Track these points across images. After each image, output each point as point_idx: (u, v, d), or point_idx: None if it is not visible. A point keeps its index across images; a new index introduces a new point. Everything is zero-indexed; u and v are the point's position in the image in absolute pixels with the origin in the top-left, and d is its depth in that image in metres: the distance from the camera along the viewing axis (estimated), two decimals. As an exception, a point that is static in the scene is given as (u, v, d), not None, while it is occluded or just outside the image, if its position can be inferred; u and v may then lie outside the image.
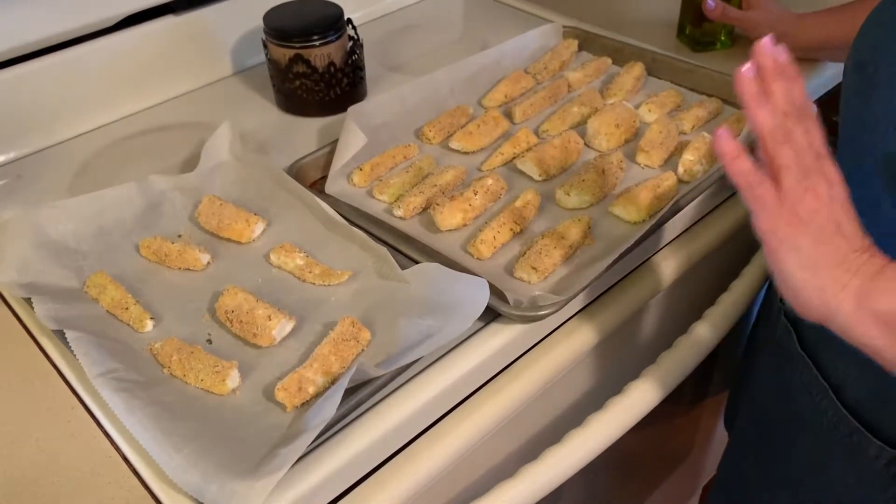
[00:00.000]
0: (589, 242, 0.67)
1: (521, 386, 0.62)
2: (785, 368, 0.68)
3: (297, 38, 0.82)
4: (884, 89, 0.52)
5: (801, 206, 0.47)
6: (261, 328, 0.58)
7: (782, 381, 0.69)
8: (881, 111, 0.53)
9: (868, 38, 0.55)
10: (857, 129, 0.56)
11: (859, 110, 0.55)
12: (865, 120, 0.55)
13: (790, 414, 0.69)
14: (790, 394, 0.68)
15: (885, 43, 0.52)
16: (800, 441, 0.69)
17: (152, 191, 0.71)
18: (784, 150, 0.48)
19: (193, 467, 0.48)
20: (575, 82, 0.88)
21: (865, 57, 0.55)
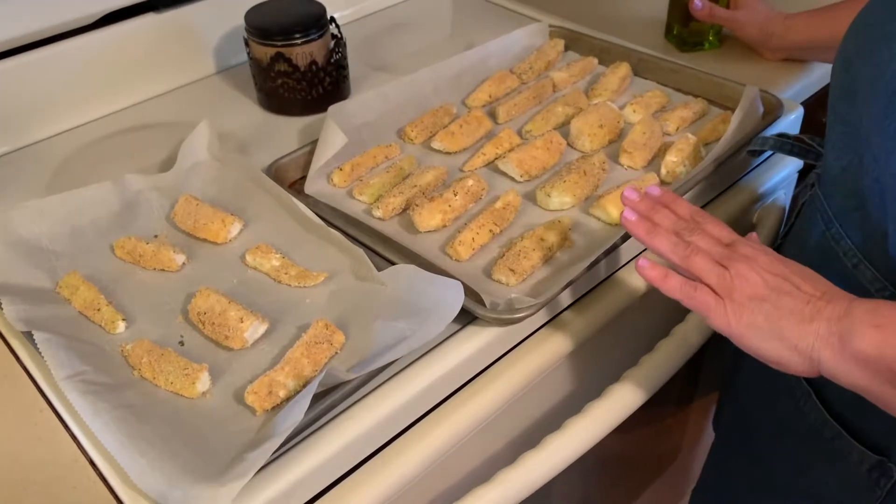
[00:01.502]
0: (569, 244, 0.66)
1: (497, 390, 0.61)
2: (769, 371, 0.67)
3: (278, 37, 0.81)
4: (868, 90, 0.52)
5: (737, 294, 0.51)
6: (233, 330, 0.57)
7: (766, 384, 0.69)
8: (865, 112, 0.52)
9: (854, 38, 0.55)
10: (844, 130, 0.55)
11: (845, 111, 0.55)
12: (851, 120, 0.54)
13: (774, 417, 0.69)
14: (774, 396, 0.68)
15: (870, 44, 0.52)
16: (783, 444, 0.68)
17: (128, 190, 0.70)
18: (694, 261, 0.53)
19: (159, 472, 0.48)
20: (560, 82, 0.87)
21: (851, 57, 0.55)
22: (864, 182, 0.52)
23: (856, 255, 0.54)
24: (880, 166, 0.50)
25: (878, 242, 0.52)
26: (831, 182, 0.57)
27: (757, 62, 0.91)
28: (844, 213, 0.55)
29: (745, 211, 0.79)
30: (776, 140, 0.71)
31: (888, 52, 0.49)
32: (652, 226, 0.56)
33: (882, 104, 0.49)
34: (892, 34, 0.49)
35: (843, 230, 0.55)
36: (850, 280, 0.54)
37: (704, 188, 0.73)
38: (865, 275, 0.53)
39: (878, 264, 0.53)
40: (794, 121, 0.80)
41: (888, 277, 0.52)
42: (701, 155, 0.74)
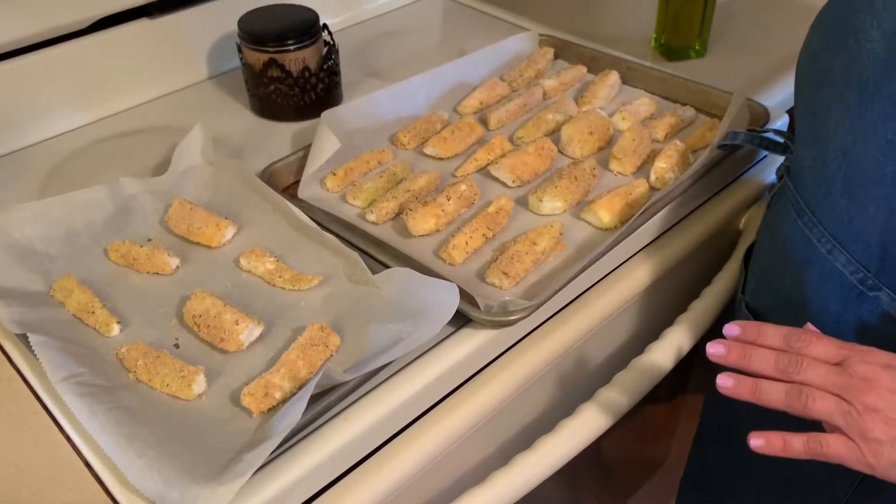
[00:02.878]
0: (561, 248, 0.67)
1: (491, 392, 0.61)
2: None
3: (271, 43, 0.81)
4: (838, 81, 0.53)
5: (870, 433, 0.45)
6: (228, 333, 0.58)
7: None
8: (833, 103, 0.54)
9: (820, 32, 0.57)
10: (812, 122, 0.57)
11: (812, 103, 0.57)
12: (818, 112, 0.56)
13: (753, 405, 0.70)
14: None
15: (837, 38, 0.54)
16: (763, 424, 0.69)
17: (123, 194, 0.71)
18: (813, 407, 0.47)
19: (156, 472, 0.48)
20: (550, 90, 0.88)
21: (818, 51, 0.56)
22: (831, 170, 0.54)
23: (829, 240, 0.55)
24: (847, 154, 0.52)
25: (847, 226, 0.54)
26: (802, 173, 0.59)
27: (743, 71, 0.92)
28: (815, 200, 0.56)
29: (733, 216, 0.80)
30: (747, 134, 0.72)
31: (856, 45, 0.51)
32: (755, 383, 0.49)
33: (856, 93, 0.51)
34: (858, 27, 0.51)
35: (816, 217, 0.56)
36: (825, 265, 0.56)
37: (692, 194, 0.74)
38: (839, 259, 0.55)
39: (850, 248, 0.54)
40: (780, 128, 0.81)
41: (860, 260, 0.54)
42: (689, 161, 0.76)
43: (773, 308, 0.65)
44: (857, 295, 0.54)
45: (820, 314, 0.58)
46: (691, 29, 0.94)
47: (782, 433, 0.48)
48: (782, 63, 0.94)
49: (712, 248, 0.79)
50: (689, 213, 0.76)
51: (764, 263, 0.66)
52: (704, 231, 0.76)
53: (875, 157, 0.50)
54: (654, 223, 0.71)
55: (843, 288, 0.55)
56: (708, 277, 0.76)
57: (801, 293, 0.59)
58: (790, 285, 0.61)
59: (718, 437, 0.78)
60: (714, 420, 0.80)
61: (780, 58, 0.95)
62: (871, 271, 0.53)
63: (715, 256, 0.78)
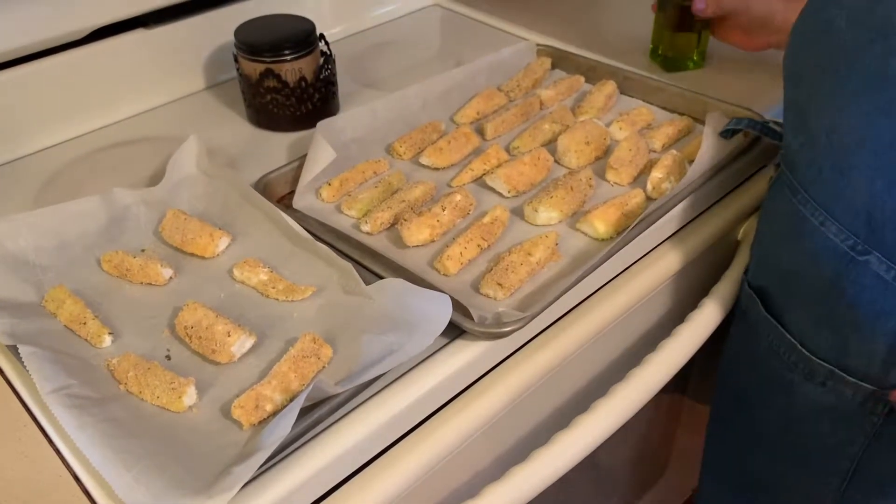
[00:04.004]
0: (556, 259, 0.66)
1: (485, 404, 0.61)
2: (750, 338, 0.72)
3: (267, 53, 0.81)
4: (814, 72, 0.58)
5: None
6: (220, 344, 0.57)
7: (749, 350, 0.73)
8: (812, 93, 0.59)
9: (801, 27, 0.61)
10: (796, 110, 0.62)
11: (794, 94, 0.62)
12: (799, 101, 0.61)
13: (760, 379, 0.73)
14: (758, 360, 0.71)
15: (812, 33, 0.59)
16: (773, 402, 0.72)
17: (116, 204, 0.70)
18: None
19: (143, 486, 0.47)
20: (547, 100, 0.88)
21: (797, 45, 0.61)
22: (817, 152, 0.59)
23: (821, 213, 0.59)
24: (830, 134, 0.57)
25: (837, 198, 0.58)
26: (792, 157, 0.63)
27: (740, 81, 0.92)
28: (807, 180, 0.61)
29: (731, 226, 0.80)
30: (749, 121, 0.76)
31: (826, 37, 0.56)
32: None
33: (830, 78, 0.56)
34: (828, 20, 0.56)
35: (809, 194, 0.60)
36: (818, 235, 0.60)
37: (689, 204, 0.73)
38: (831, 229, 0.59)
39: (840, 217, 0.58)
40: (778, 138, 0.81)
41: (850, 228, 0.57)
42: (686, 171, 0.75)
43: (773, 283, 0.68)
44: (848, 260, 0.58)
45: (815, 282, 0.61)
46: (689, 40, 0.93)
47: None
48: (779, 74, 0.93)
49: (710, 258, 0.78)
50: (686, 223, 0.76)
51: (763, 243, 0.70)
52: (702, 241, 0.76)
53: (855, 128, 0.55)
54: (651, 234, 0.71)
55: (836, 255, 0.59)
56: (706, 288, 0.75)
57: (798, 265, 0.63)
58: (787, 259, 0.65)
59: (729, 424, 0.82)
60: (723, 409, 0.83)
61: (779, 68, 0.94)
62: (860, 237, 0.57)
63: (712, 267, 0.78)
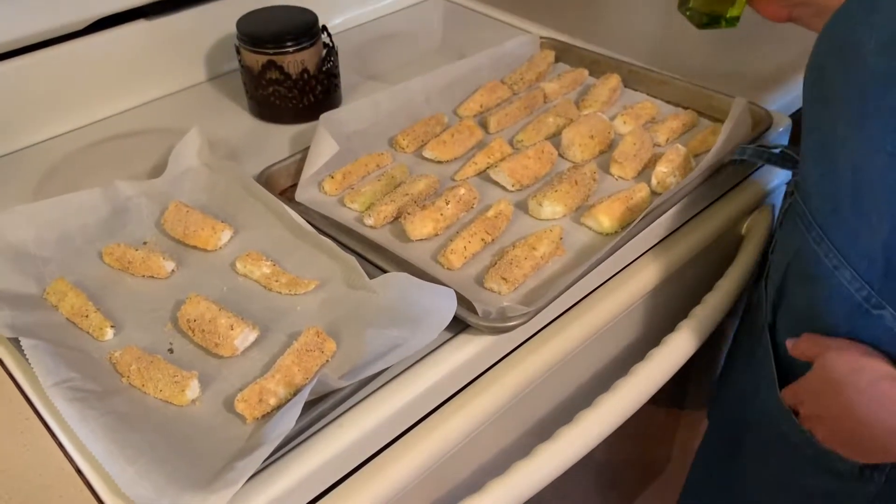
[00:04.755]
0: (560, 253, 0.66)
1: (489, 398, 0.61)
2: (759, 389, 0.67)
3: (270, 45, 0.81)
4: (840, 95, 0.53)
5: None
6: (223, 338, 0.57)
7: (755, 401, 0.69)
8: (838, 118, 0.53)
9: (826, 46, 0.56)
10: (819, 137, 0.57)
11: (819, 118, 0.57)
12: (824, 127, 0.56)
13: (761, 435, 0.69)
14: (761, 414, 0.67)
15: (840, 52, 0.53)
16: (765, 464, 0.69)
17: (118, 196, 0.70)
18: None
19: (146, 480, 0.47)
20: (551, 93, 0.87)
21: (823, 65, 0.56)
22: (839, 186, 0.54)
23: (836, 256, 0.55)
24: (856, 169, 0.52)
25: (853, 242, 0.54)
26: (810, 189, 0.58)
27: (746, 73, 0.91)
28: (823, 216, 0.56)
29: (735, 221, 0.80)
30: (756, 150, 0.72)
31: (855, 58, 0.51)
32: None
33: (857, 108, 0.51)
34: (856, 41, 0.51)
35: (823, 232, 0.56)
36: (832, 280, 0.55)
37: (694, 199, 0.73)
38: (844, 275, 0.55)
39: (856, 264, 0.54)
40: (783, 133, 0.81)
41: (864, 277, 0.53)
42: (691, 165, 0.75)
43: (786, 325, 0.64)
44: (863, 313, 0.54)
45: (832, 332, 0.57)
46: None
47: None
48: (785, 66, 0.93)
49: (714, 253, 0.78)
50: (690, 217, 0.76)
51: (776, 281, 0.65)
52: (706, 236, 0.76)
53: (880, 169, 0.50)
54: (656, 228, 0.70)
55: (850, 305, 0.54)
56: (710, 283, 0.75)
57: (811, 310, 0.58)
58: (801, 302, 0.61)
59: (717, 474, 0.78)
60: (714, 454, 0.80)
61: (784, 61, 0.94)
62: (874, 288, 0.53)
63: (717, 262, 0.78)
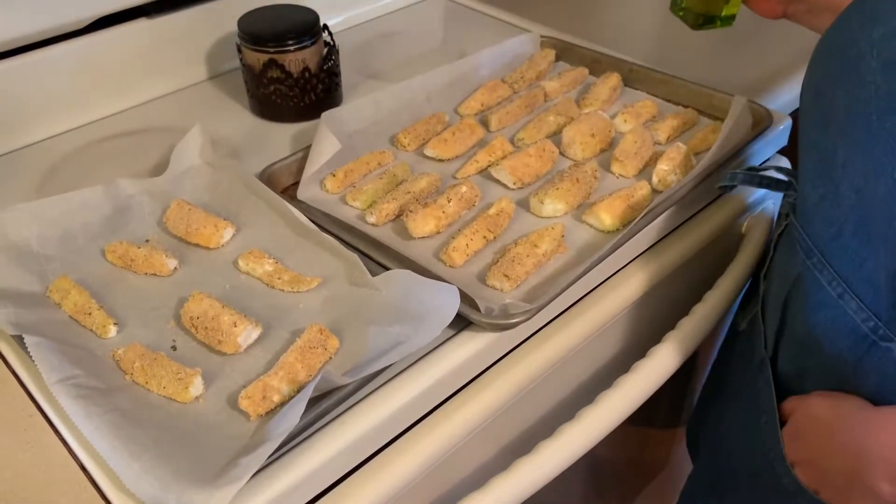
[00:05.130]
0: (562, 251, 0.66)
1: (491, 395, 0.61)
2: (754, 424, 0.65)
3: (271, 43, 0.81)
4: (842, 117, 0.51)
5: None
6: (226, 335, 0.57)
7: (749, 435, 0.66)
8: (840, 140, 0.51)
9: (822, 65, 0.54)
10: (819, 158, 0.54)
11: (818, 139, 0.54)
12: (825, 148, 0.53)
13: (752, 473, 0.67)
14: (754, 450, 0.65)
15: (839, 71, 0.51)
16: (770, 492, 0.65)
17: (120, 194, 0.70)
18: None
19: (151, 476, 0.47)
20: (552, 92, 0.88)
21: (821, 85, 0.54)
22: (841, 210, 0.51)
23: (840, 284, 0.52)
24: (860, 193, 0.49)
25: (858, 270, 0.51)
26: (809, 211, 0.56)
27: (746, 73, 0.92)
28: (824, 241, 0.54)
29: (734, 221, 0.80)
30: (745, 174, 0.70)
31: (857, 77, 0.48)
32: None
33: (861, 129, 0.48)
34: (857, 58, 0.48)
35: (825, 258, 0.54)
36: (836, 310, 0.53)
37: (694, 198, 0.73)
38: (850, 305, 0.52)
39: (861, 293, 0.51)
40: (783, 132, 0.81)
41: (871, 307, 0.51)
42: (692, 164, 0.75)
43: (788, 355, 0.61)
44: (870, 344, 0.51)
45: (836, 364, 0.54)
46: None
47: None
48: (785, 65, 0.93)
49: (715, 251, 0.78)
50: (691, 215, 0.76)
51: (776, 311, 0.62)
52: (707, 234, 0.76)
53: (884, 196, 0.47)
54: (657, 226, 0.71)
55: (857, 336, 0.52)
56: (710, 281, 0.75)
57: (814, 340, 0.56)
58: (803, 332, 0.58)
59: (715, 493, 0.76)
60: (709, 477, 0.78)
61: (783, 60, 0.95)
62: (881, 319, 0.50)
63: (717, 259, 0.78)
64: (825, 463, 0.54)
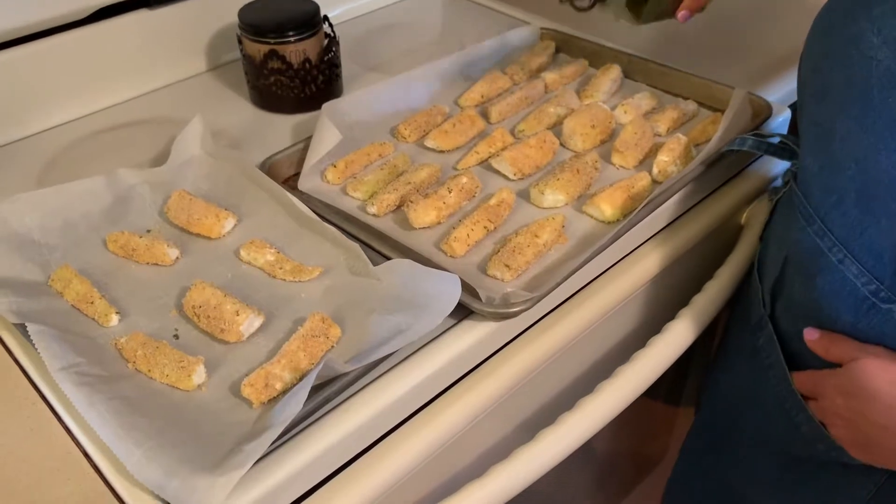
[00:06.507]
0: (562, 241, 0.67)
1: (492, 384, 0.61)
2: (760, 379, 0.67)
3: (272, 34, 0.81)
4: (841, 91, 0.52)
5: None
6: (228, 323, 0.57)
7: (754, 391, 0.69)
8: (839, 113, 0.53)
9: (821, 41, 0.55)
10: (817, 131, 0.56)
11: (817, 113, 0.56)
12: (823, 122, 0.55)
13: (759, 427, 0.69)
14: (762, 405, 0.67)
15: (838, 47, 0.52)
16: (771, 441, 0.68)
17: (121, 185, 0.70)
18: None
19: (155, 463, 0.47)
20: (552, 83, 0.88)
21: (818, 60, 0.55)
22: (841, 180, 0.53)
23: (840, 250, 0.54)
24: (860, 164, 0.51)
25: (858, 236, 0.53)
26: (809, 180, 0.57)
27: (747, 64, 0.92)
28: (825, 209, 0.55)
29: (735, 210, 0.80)
30: (755, 140, 0.72)
31: (857, 53, 0.49)
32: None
33: (861, 104, 0.50)
34: (858, 35, 0.49)
35: (826, 226, 0.55)
36: (836, 274, 0.55)
37: (694, 188, 0.73)
38: (851, 269, 0.54)
39: (862, 258, 0.53)
40: (782, 123, 0.81)
41: (873, 272, 0.53)
42: (692, 155, 0.75)
43: (786, 316, 0.63)
44: (869, 306, 0.53)
45: (833, 324, 0.56)
46: None
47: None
48: (785, 57, 0.93)
49: (714, 242, 0.79)
50: (691, 206, 0.76)
51: (774, 272, 0.64)
52: (707, 225, 0.76)
53: (887, 169, 0.49)
54: (657, 217, 0.71)
55: (856, 299, 0.54)
56: (710, 271, 0.75)
57: (813, 302, 0.58)
58: (801, 294, 0.60)
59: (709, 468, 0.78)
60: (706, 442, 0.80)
61: (783, 51, 0.95)
62: (883, 283, 0.52)
63: (717, 250, 0.78)
64: (868, 431, 0.55)
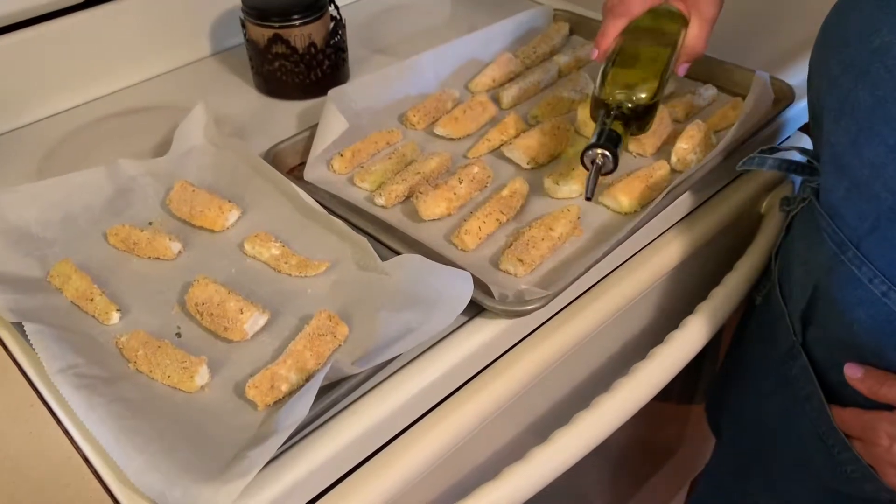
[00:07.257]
0: (578, 234, 0.64)
1: (505, 384, 0.59)
2: (796, 412, 0.63)
3: (276, 18, 0.78)
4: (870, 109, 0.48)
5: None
6: (232, 321, 0.55)
7: (788, 422, 0.65)
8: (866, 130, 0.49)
9: (837, 57, 0.52)
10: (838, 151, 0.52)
11: (837, 130, 0.52)
12: (842, 141, 0.51)
13: (796, 456, 0.65)
14: (798, 436, 0.64)
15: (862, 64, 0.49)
16: (805, 483, 0.65)
17: (122, 176, 0.68)
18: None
19: (156, 469, 0.46)
20: (565, 67, 0.85)
21: (838, 77, 0.52)
22: (875, 206, 0.48)
23: (883, 281, 0.49)
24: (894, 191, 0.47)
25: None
26: (836, 203, 0.53)
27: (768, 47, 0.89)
28: (859, 235, 0.50)
29: (755, 199, 0.78)
30: (763, 159, 0.67)
31: (885, 70, 0.46)
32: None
33: (889, 129, 0.46)
34: (883, 49, 0.46)
35: (862, 253, 0.50)
36: (879, 307, 0.50)
37: (715, 176, 0.71)
38: (894, 299, 0.49)
39: None
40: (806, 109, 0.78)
41: None
42: (712, 142, 0.73)
43: (820, 346, 0.59)
44: None
45: (877, 359, 0.52)
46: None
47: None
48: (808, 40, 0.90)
49: (733, 232, 0.76)
50: (713, 195, 0.74)
51: (801, 299, 0.59)
52: (726, 215, 0.74)
53: None
54: (675, 207, 0.68)
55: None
56: (729, 263, 0.73)
57: (853, 338, 0.53)
58: (838, 327, 0.55)
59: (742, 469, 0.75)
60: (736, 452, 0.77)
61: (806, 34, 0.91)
62: None
63: (736, 241, 0.76)
64: None
